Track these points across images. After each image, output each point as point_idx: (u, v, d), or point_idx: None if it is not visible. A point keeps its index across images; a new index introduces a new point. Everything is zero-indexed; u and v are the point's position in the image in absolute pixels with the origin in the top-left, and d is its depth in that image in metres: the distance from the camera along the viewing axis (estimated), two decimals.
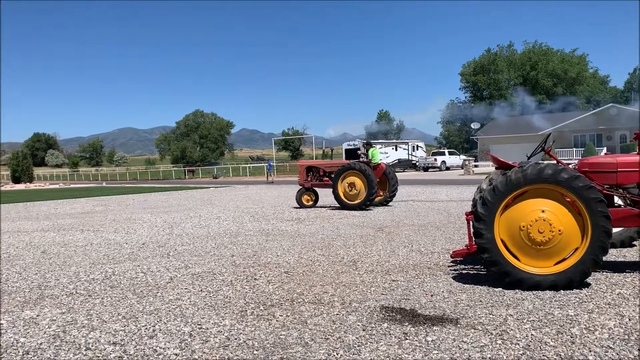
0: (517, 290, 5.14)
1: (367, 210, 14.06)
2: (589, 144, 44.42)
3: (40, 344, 4.14)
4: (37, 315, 4.94)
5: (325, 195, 16.89)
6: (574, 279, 5.10)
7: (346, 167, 14.59)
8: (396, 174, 16.97)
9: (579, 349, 3.67)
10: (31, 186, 49.32)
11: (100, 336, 4.27)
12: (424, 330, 4.14)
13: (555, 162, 5.57)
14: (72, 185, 50.21)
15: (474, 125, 58.83)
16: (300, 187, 15.79)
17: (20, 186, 49.46)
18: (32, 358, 3.85)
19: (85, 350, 3.97)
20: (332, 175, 15.23)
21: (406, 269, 6.45)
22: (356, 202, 14.32)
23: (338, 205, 14.73)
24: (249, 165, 67.20)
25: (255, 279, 6.18)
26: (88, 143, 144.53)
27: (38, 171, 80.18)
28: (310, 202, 15.50)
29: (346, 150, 49.42)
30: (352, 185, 14.35)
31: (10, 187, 49.59)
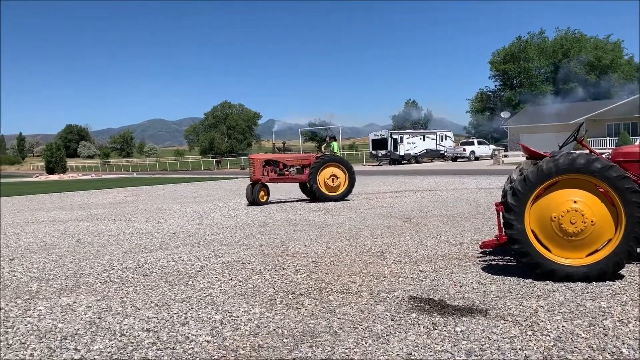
0: (547, 282, 5.09)
1: (348, 200, 14.03)
2: (623, 132, 43.17)
3: (77, 329, 4.28)
4: (74, 302, 5.09)
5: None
6: (606, 271, 5.01)
7: (327, 159, 14.57)
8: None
9: (611, 341, 3.62)
10: (65, 177, 50.53)
11: (134, 323, 4.39)
12: (453, 321, 4.13)
13: (587, 151, 5.46)
14: (103, 176, 51.27)
15: (504, 115, 57.83)
16: (254, 183, 14.35)
17: (54, 177, 50.72)
18: (70, 343, 3.98)
19: (120, 336, 4.09)
20: (293, 169, 14.94)
21: (434, 259, 6.43)
22: (338, 193, 14.42)
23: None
24: None
25: (283, 268, 6.24)
26: (119, 134, 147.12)
27: (71, 162, 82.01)
28: (265, 198, 14.40)
29: (373, 140, 49.13)
30: (333, 176, 14.33)
31: (44, 177, 50.91)
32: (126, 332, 4.16)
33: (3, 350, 3.89)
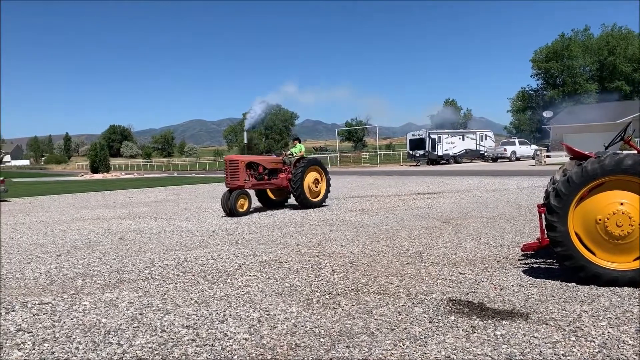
0: (592, 286, 4.94)
1: (324, 206, 13.85)
2: None
3: (120, 324, 4.40)
4: (117, 298, 5.23)
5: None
6: None
7: (310, 162, 13.55)
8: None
9: None
10: (108, 176, 51.96)
11: (174, 319, 4.48)
12: (493, 324, 4.06)
13: (635, 152, 5.27)
14: (145, 175, 52.44)
15: (547, 114, 56.35)
16: (235, 189, 12.27)
17: (98, 176, 52.24)
18: (113, 337, 4.09)
19: (161, 332, 4.18)
20: (269, 171, 13.27)
21: (474, 261, 6.32)
22: (319, 198, 13.66)
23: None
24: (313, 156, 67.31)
25: (320, 268, 6.25)
26: (160, 134, 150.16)
27: (114, 162, 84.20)
28: (245, 207, 12.32)
29: (411, 140, 48.65)
30: (317, 181, 13.52)
31: (89, 176, 52.51)
32: (167, 328, 4.25)
33: (50, 342, 4.03)
